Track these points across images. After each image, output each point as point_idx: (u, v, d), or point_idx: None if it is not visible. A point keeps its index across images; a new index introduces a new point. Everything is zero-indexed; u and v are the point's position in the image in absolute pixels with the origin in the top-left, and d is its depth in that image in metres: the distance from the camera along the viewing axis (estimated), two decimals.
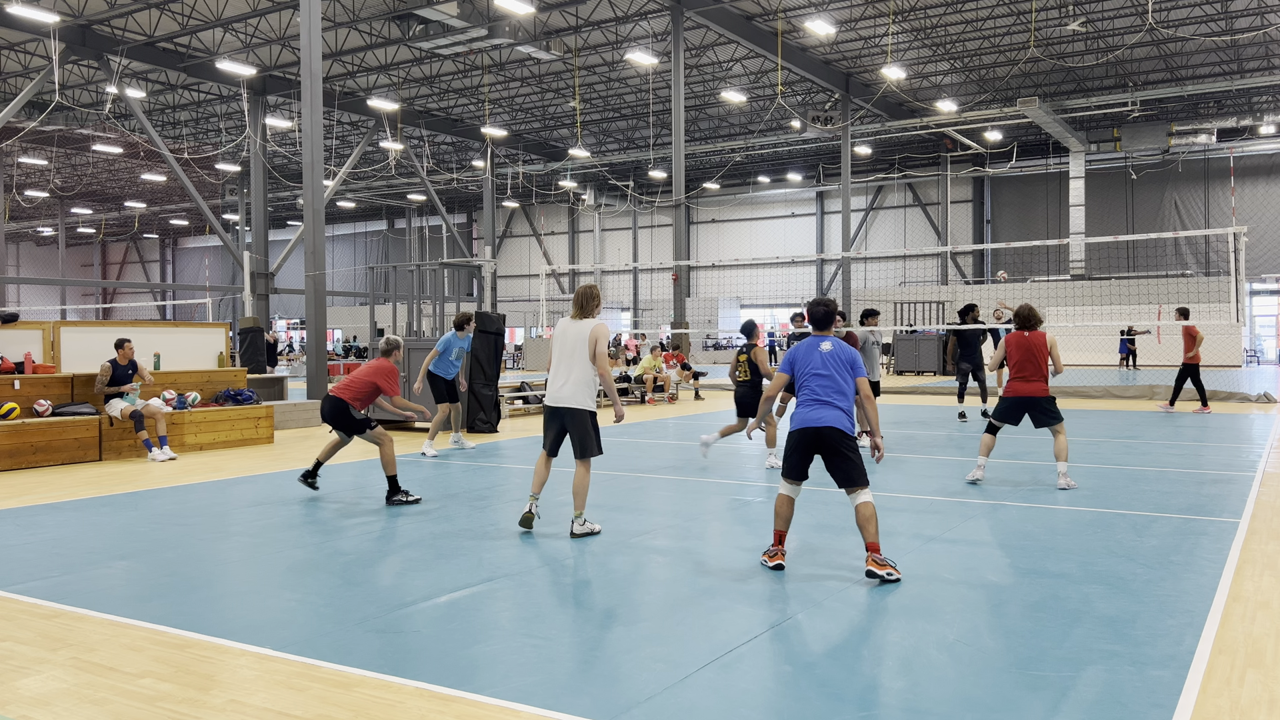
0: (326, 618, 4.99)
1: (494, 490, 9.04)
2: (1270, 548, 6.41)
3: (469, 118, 39.81)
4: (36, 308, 47.87)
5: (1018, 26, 28.50)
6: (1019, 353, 8.88)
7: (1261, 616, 4.92)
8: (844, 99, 33.89)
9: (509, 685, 4.04)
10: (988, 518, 7.45)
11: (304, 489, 9.02)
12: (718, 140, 42.46)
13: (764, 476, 9.76)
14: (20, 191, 50.19)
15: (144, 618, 5.01)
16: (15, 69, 31.10)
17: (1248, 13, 27.43)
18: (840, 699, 3.87)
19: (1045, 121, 33.48)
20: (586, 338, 6.91)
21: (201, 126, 40.48)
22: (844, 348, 5.96)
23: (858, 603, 5.19)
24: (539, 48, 27.19)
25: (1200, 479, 9.25)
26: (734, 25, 26.91)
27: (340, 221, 63.36)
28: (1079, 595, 5.28)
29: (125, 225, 64.43)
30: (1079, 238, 35.91)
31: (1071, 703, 3.81)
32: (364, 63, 31.68)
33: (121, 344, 11.55)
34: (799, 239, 50.38)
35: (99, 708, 3.85)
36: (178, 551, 6.54)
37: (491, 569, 5.99)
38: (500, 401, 15.29)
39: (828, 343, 5.98)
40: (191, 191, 28.82)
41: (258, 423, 13.23)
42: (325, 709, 3.81)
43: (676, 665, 4.26)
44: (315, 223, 15.96)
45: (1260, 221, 39.23)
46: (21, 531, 7.28)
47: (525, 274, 57.13)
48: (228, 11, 26.18)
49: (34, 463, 10.81)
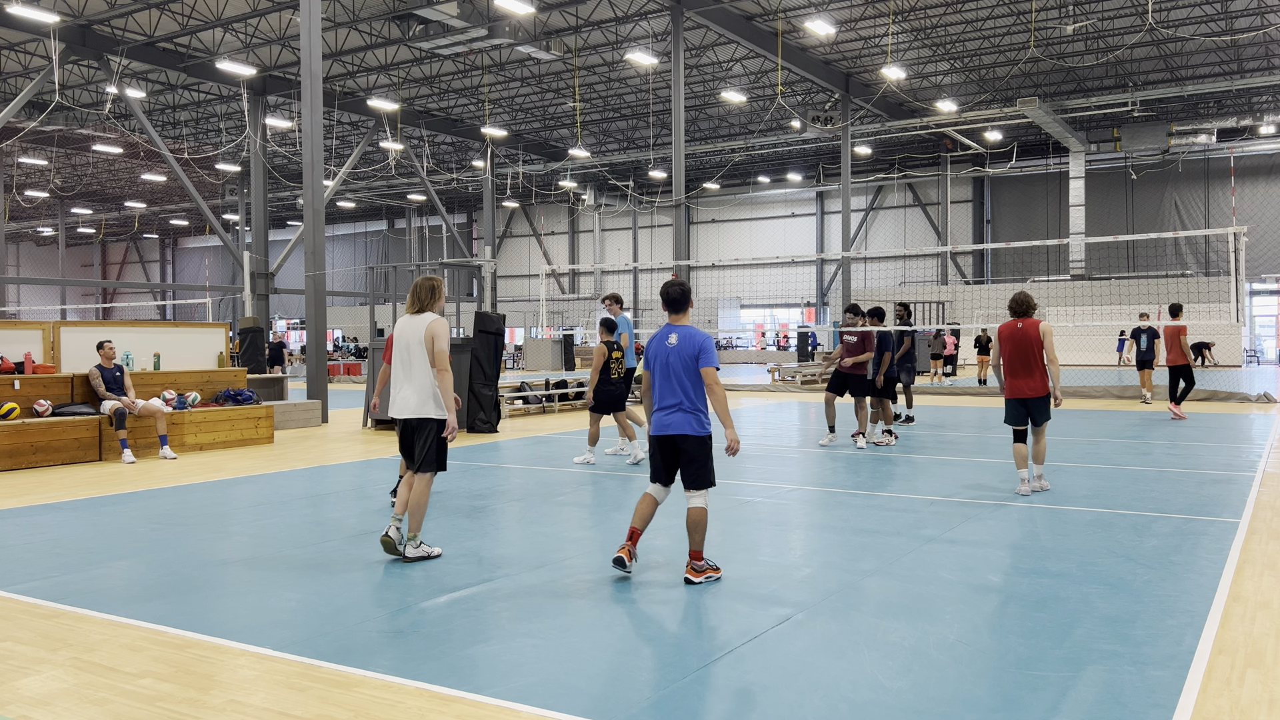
0: (326, 618, 4.99)
1: (493, 490, 9.04)
2: (1270, 548, 6.41)
3: (469, 118, 39.80)
4: (36, 308, 47.82)
5: (1018, 26, 28.49)
6: (1010, 345, 8.36)
7: (1261, 616, 4.92)
8: (844, 99, 33.89)
9: (509, 685, 4.04)
10: (988, 518, 7.45)
11: (303, 488, 9.01)
12: (718, 140, 42.45)
13: (764, 476, 9.75)
14: (20, 191, 50.18)
15: (144, 618, 5.01)
16: (15, 69, 31.09)
17: (1248, 13, 27.43)
18: (841, 699, 3.87)
19: (1045, 121, 33.48)
20: (423, 336, 6.11)
21: (201, 126, 40.47)
22: (690, 340, 5.61)
23: (858, 603, 5.19)
24: (539, 48, 27.18)
25: (1200, 479, 9.25)
26: (734, 25, 26.91)
27: (340, 221, 63.36)
28: (1079, 595, 5.28)
29: (125, 225, 64.43)
30: (1079, 238, 35.87)
31: (1071, 703, 3.81)
32: (364, 63, 31.67)
33: (101, 345, 11.61)
34: (799, 239, 50.38)
35: (99, 708, 3.85)
36: (178, 551, 6.54)
37: (491, 569, 5.99)
38: (500, 401, 15.29)
39: (674, 335, 5.66)
40: (191, 191, 28.81)
41: (258, 423, 13.23)
42: (325, 709, 3.81)
43: (677, 665, 4.26)
44: (315, 223, 15.96)
45: (1260, 221, 39.23)
46: (21, 531, 7.28)
47: (525, 274, 57.13)
48: (228, 11, 26.18)
49: (34, 463, 10.81)
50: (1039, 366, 8.34)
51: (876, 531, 7.01)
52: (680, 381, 5.60)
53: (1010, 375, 8.45)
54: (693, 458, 5.60)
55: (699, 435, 5.60)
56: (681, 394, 5.60)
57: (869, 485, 9.04)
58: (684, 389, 5.60)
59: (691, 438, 5.58)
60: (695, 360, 5.59)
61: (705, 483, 5.61)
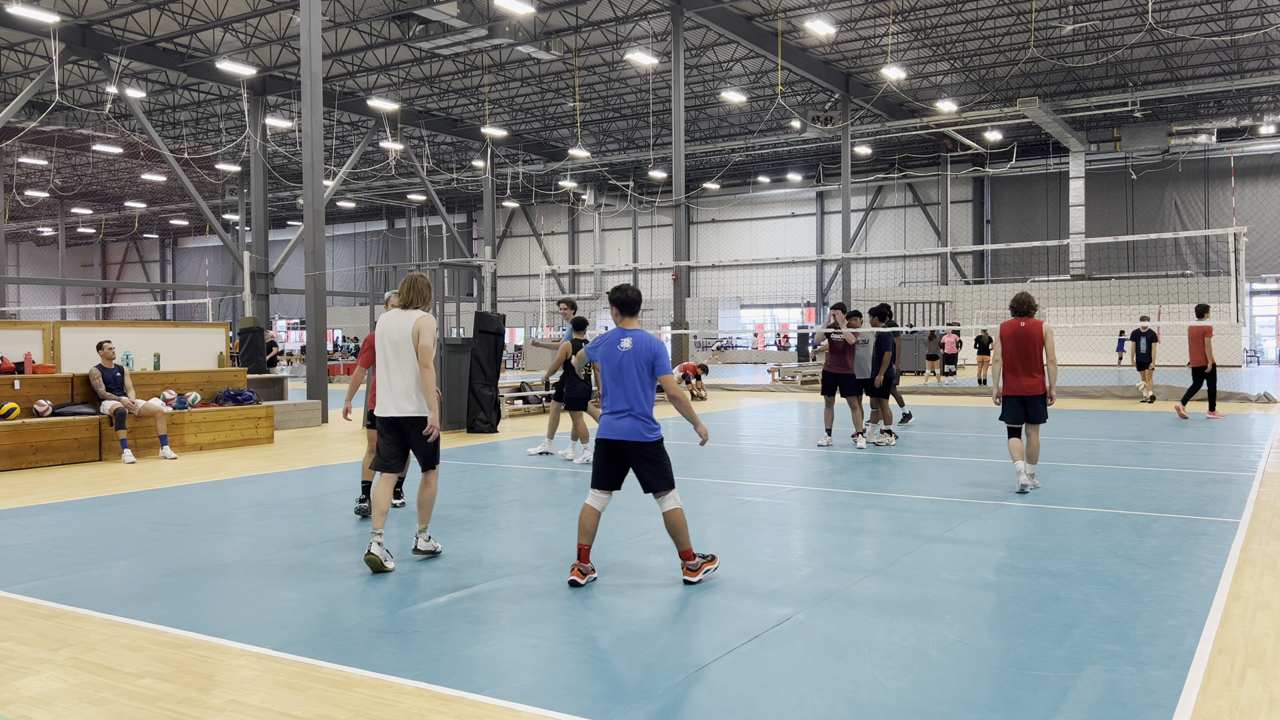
0: (326, 618, 4.99)
1: (493, 490, 9.04)
2: (1270, 548, 6.41)
3: (469, 118, 39.81)
4: (36, 308, 47.81)
5: (1018, 26, 28.50)
6: (1012, 344, 8.47)
7: (1261, 616, 4.92)
8: (844, 99, 33.90)
9: (509, 685, 4.03)
10: (988, 518, 7.45)
11: (304, 488, 9.02)
12: (718, 140, 42.45)
13: (764, 476, 9.76)
14: (20, 191, 50.19)
15: (144, 618, 5.01)
16: (15, 69, 31.10)
17: (1248, 13, 27.43)
18: (840, 699, 3.87)
19: (1045, 121, 33.48)
20: (410, 333, 5.98)
21: (201, 126, 40.48)
22: (645, 346, 5.58)
23: (858, 603, 5.19)
24: (539, 48, 27.19)
25: (1200, 479, 9.25)
26: (734, 25, 26.91)
27: (340, 221, 63.36)
28: (1079, 595, 5.28)
29: (125, 225, 64.44)
30: (1079, 238, 35.90)
31: (1071, 703, 3.81)
32: (364, 63, 31.68)
33: (101, 345, 11.63)
34: (799, 239, 50.38)
35: (99, 708, 3.85)
36: (178, 552, 6.54)
37: (492, 569, 5.99)
38: (500, 401, 15.29)
39: (628, 339, 5.61)
40: (191, 191, 28.81)
41: (258, 423, 13.23)
42: (325, 709, 3.81)
43: (677, 665, 4.26)
44: (315, 223, 15.97)
45: (1260, 221, 39.23)
46: (21, 531, 7.28)
47: (525, 274, 57.13)
48: (228, 11, 26.18)
49: (34, 463, 10.81)
50: (1039, 365, 8.45)
51: (876, 531, 7.01)
52: (631, 387, 5.56)
53: (1010, 373, 8.54)
54: (645, 458, 5.55)
55: (647, 441, 5.56)
56: (631, 399, 5.56)
57: (869, 485, 9.04)
58: (634, 395, 5.56)
59: (640, 444, 5.55)
60: (650, 367, 5.58)
61: (666, 484, 5.56)
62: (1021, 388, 8.48)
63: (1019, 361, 8.47)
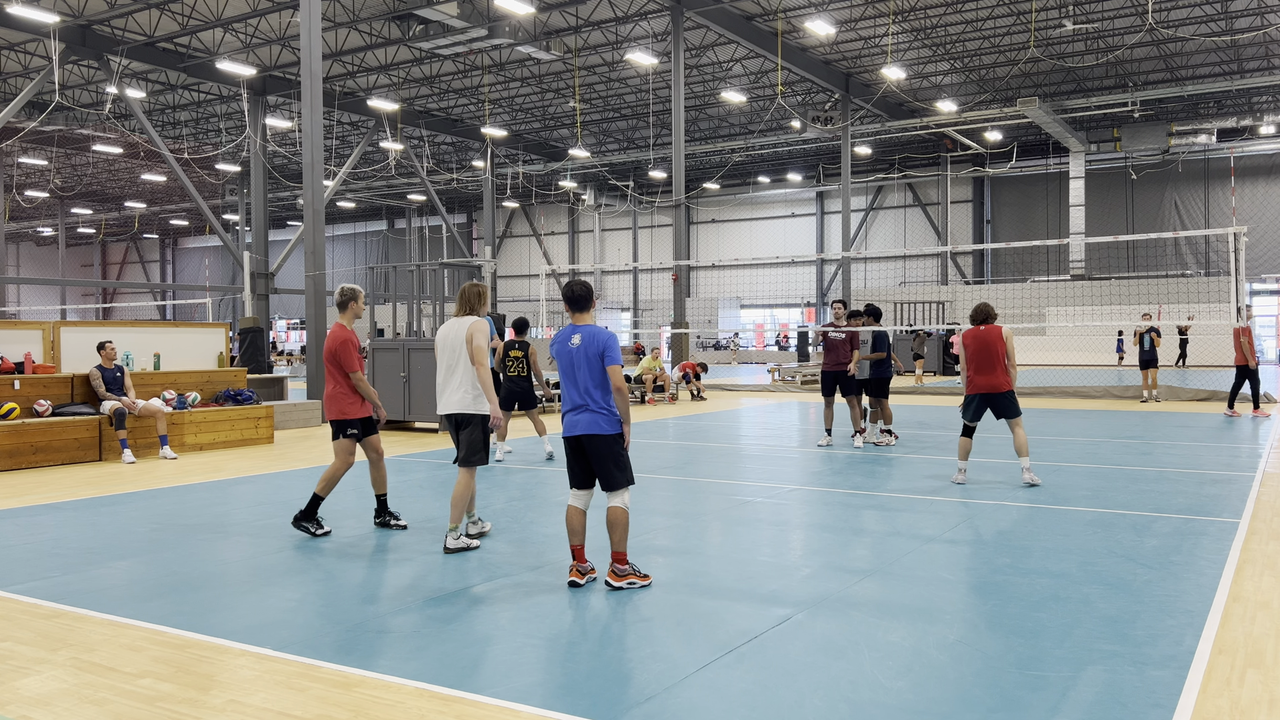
0: (326, 618, 4.99)
1: (492, 490, 9.04)
2: (1270, 548, 6.41)
3: (469, 118, 39.80)
4: (36, 308, 47.83)
5: (1018, 26, 28.49)
6: (975, 346, 9.02)
7: (1261, 616, 4.92)
8: (844, 99, 33.89)
9: (509, 685, 4.04)
10: (988, 518, 7.45)
11: (304, 488, 9.01)
12: (718, 140, 42.45)
13: (764, 476, 9.76)
14: (20, 191, 50.17)
15: (144, 618, 5.01)
16: (15, 69, 31.09)
17: (1248, 13, 27.42)
18: (840, 699, 3.87)
19: (1045, 121, 33.48)
20: (464, 337, 6.55)
21: (201, 126, 40.47)
22: (594, 339, 5.51)
23: (858, 603, 5.19)
24: (539, 48, 27.18)
25: (1200, 479, 9.25)
26: (734, 25, 26.91)
27: (340, 221, 63.36)
28: (1079, 595, 5.28)
29: (125, 225, 64.43)
30: (1079, 238, 35.89)
31: (1071, 703, 3.81)
32: (364, 63, 31.67)
33: (102, 346, 11.64)
34: (799, 239, 50.38)
35: (99, 708, 3.85)
36: (178, 551, 6.54)
37: (492, 569, 5.99)
38: None
39: (578, 335, 5.55)
40: (191, 191, 28.80)
41: (258, 423, 13.23)
42: (325, 709, 3.81)
43: (676, 665, 4.26)
44: (315, 223, 15.97)
45: (1260, 221, 39.23)
46: (22, 531, 7.28)
47: (525, 274, 57.13)
48: (228, 11, 26.18)
49: (34, 463, 10.81)
50: (1001, 365, 8.98)
51: (876, 531, 7.01)
52: (584, 381, 5.49)
53: (975, 373, 9.07)
54: (602, 456, 5.46)
55: (607, 434, 5.45)
56: (586, 395, 5.49)
57: (869, 485, 9.04)
58: (587, 389, 5.48)
59: (598, 436, 5.45)
60: (600, 359, 5.48)
61: (621, 483, 5.49)
62: (985, 386, 8.97)
63: (983, 362, 9.00)
